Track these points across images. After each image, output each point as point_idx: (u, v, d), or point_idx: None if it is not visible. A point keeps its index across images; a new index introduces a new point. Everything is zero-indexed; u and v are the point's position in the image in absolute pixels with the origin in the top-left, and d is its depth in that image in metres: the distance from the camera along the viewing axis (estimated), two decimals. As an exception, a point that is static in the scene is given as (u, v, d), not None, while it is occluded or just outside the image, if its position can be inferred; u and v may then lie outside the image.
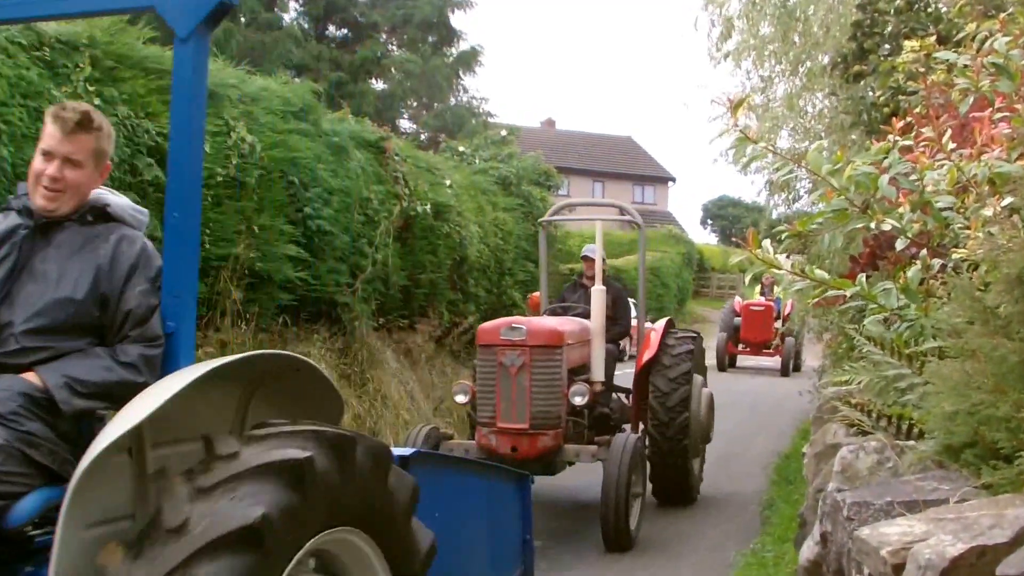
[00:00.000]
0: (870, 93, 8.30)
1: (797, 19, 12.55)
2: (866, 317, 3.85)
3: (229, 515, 2.49)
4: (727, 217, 61.37)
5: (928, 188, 3.71)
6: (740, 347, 23.44)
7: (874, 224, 3.72)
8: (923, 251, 3.78)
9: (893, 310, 3.75)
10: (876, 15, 8.55)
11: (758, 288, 22.45)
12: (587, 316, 8.63)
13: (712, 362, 19.18)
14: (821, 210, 3.92)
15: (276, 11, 25.64)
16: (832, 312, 6.84)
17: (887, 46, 8.39)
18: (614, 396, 8.98)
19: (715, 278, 45.97)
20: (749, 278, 4.29)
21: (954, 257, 3.48)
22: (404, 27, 27.98)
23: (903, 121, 4.07)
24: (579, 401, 7.76)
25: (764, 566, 7.03)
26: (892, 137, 3.92)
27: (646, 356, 8.78)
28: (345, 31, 28.56)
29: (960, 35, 4.79)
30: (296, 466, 2.63)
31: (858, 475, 3.17)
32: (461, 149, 16.90)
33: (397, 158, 11.27)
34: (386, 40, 28.48)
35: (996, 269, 2.85)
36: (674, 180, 53.66)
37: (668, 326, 9.14)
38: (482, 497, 4.92)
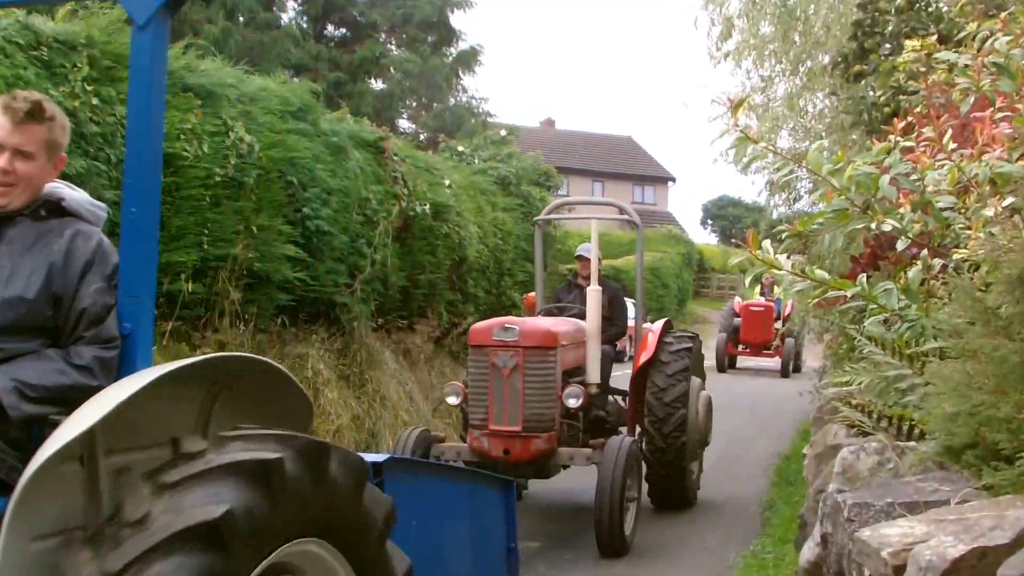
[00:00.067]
0: (871, 93, 8.29)
1: (797, 18, 12.56)
2: (867, 318, 3.84)
3: (192, 510, 2.39)
4: (727, 217, 61.35)
5: (929, 188, 3.70)
6: (740, 348, 23.40)
7: (875, 224, 3.71)
8: (924, 251, 3.77)
9: (894, 311, 3.74)
10: (877, 14, 8.53)
11: (758, 289, 22.38)
12: (583, 317, 8.47)
13: (712, 363, 19.18)
14: (822, 210, 3.91)
15: (274, 10, 25.62)
16: (832, 313, 6.83)
17: (888, 45, 8.38)
18: (611, 399, 8.85)
19: (715, 278, 45.98)
20: (749, 279, 4.28)
21: (955, 257, 3.47)
22: (403, 27, 27.97)
23: (904, 121, 4.07)
24: (573, 403, 7.61)
25: (764, 568, 7.02)
26: (893, 137, 3.92)
27: (643, 357, 8.64)
28: (344, 31, 28.57)
29: (961, 34, 4.79)
30: (265, 467, 2.52)
31: (859, 476, 3.16)
32: (460, 149, 16.87)
33: (396, 158, 11.25)
34: (385, 40, 28.46)
35: (997, 269, 2.84)
36: (674, 180, 53.78)
37: (666, 327, 9.03)
38: (463, 504, 4.76)
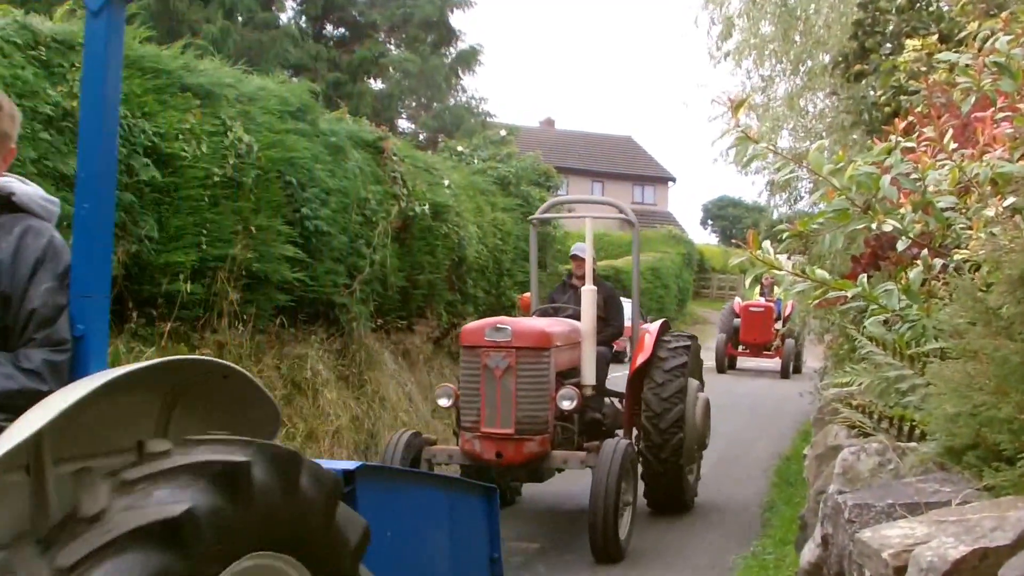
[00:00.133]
0: (871, 92, 8.28)
1: (798, 18, 12.57)
2: (867, 318, 3.82)
3: (151, 508, 2.30)
4: (727, 217, 61.32)
5: (930, 188, 3.68)
6: (740, 349, 23.35)
7: (875, 224, 3.70)
8: (925, 252, 3.76)
9: (895, 311, 3.73)
10: (878, 14, 8.52)
11: (758, 289, 22.33)
12: (578, 317, 8.36)
13: (712, 364, 19.16)
14: (822, 210, 3.89)
15: (273, 10, 25.59)
16: (833, 313, 6.81)
17: (889, 45, 8.37)
18: (607, 401, 8.72)
19: (715, 279, 45.98)
20: (750, 279, 4.26)
21: (956, 258, 3.46)
22: (403, 26, 27.97)
23: (905, 121, 4.05)
24: (567, 405, 7.48)
25: (765, 569, 7.02)
26: (894, 137, 3.90)
27: (641, 359, 8.47)
28: (343, 30, 28.57)
29: (962, 34, 4.79)
30: (232, 469, 2.42)
31: (859, 477, 3.14)
32: (460, 149, 16.88)
33: (395, 158, 11.24)
34: (385, 39, 28.46)
35: (998, 270, 2.83)
36: (674, 180, 53.73)
37: (663, 327, 8.92)
38: (442, 513, 4.59)
